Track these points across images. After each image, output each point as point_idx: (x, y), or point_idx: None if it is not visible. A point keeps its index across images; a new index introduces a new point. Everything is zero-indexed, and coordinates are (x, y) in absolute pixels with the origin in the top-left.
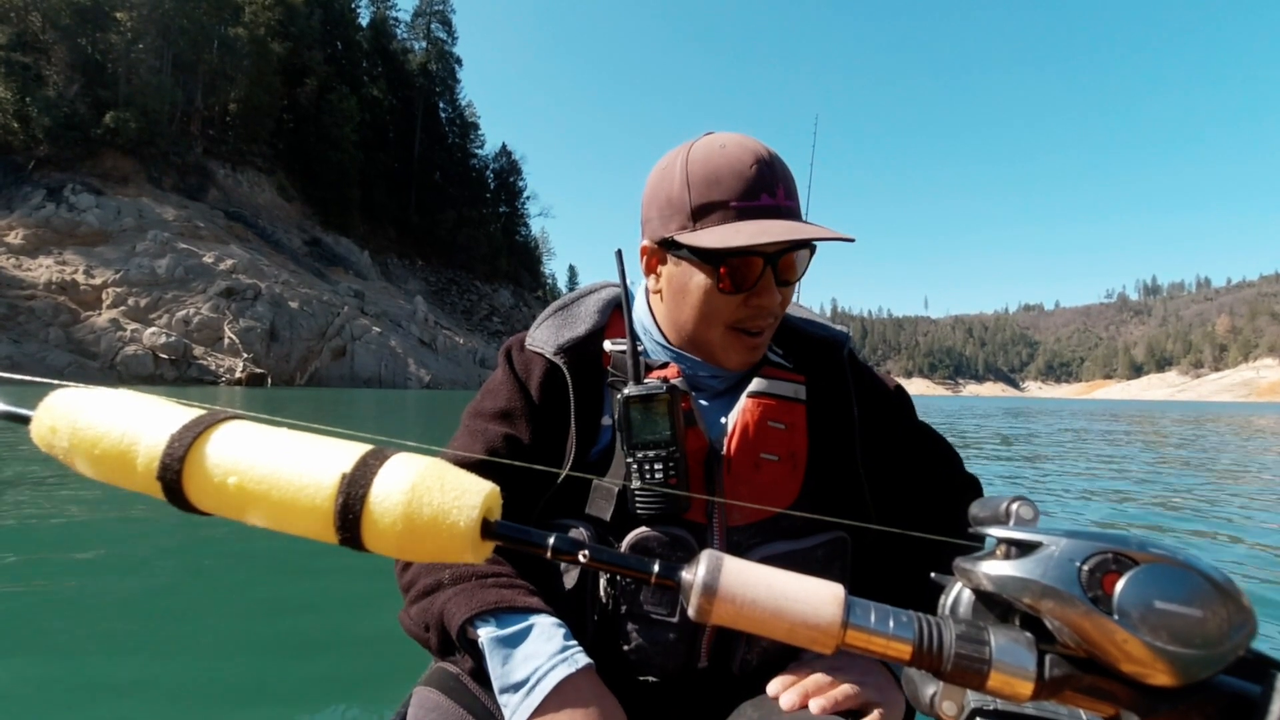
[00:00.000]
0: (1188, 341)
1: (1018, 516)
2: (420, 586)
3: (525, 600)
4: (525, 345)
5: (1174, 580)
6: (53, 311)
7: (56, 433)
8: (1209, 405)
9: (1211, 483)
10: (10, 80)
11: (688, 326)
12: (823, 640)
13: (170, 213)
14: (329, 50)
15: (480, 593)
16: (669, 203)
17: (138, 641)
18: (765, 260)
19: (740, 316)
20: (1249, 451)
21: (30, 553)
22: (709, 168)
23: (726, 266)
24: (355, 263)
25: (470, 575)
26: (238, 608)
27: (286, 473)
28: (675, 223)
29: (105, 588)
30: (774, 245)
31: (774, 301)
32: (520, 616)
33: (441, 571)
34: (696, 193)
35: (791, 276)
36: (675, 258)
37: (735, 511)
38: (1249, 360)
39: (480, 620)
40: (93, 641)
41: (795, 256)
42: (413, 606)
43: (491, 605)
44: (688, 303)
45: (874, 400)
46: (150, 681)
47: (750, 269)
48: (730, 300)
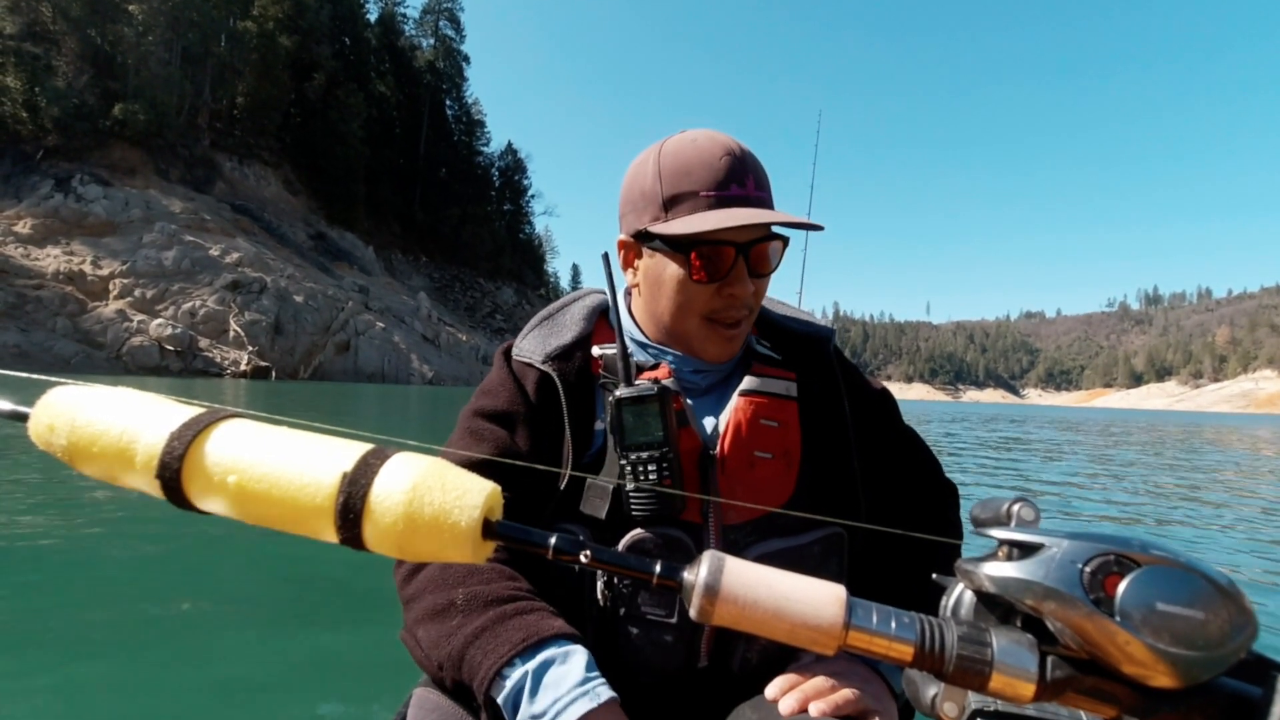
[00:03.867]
0: (1188, 352)
1: (1019, 518)
2: (428, 606)
3: (550, 626)
4: (513, 355)
5: (1176, 582)
6: (60, 301)
7: (55, 430)
8: (1207, 416)
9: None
10: (20, 70)
11: (665, 319)
12: (824, 641)
13: (177, 205)
14: (337, 46)
15: (505, 632)
16: (642, 196)
17: (137, 641)
18: (737, 250)
19: (715, 307)
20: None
21: (29, 552)
22: (680, 160)
23: (698, 255)
24: (360, 258)
25: (486, 600)
26: (237, 607)
27: (287, 471)
28: (648, 214)
29: (104, 587)
30: (744, 232)
31: (747, 292)
32: (543, 646)
33: (453, 590)
34: (668, 184)
35: (764, 268)
36: (650, 250)
37: (730, 510)
38: (1248, 372)
39: (507, 665)
40: (92, 641)
41: (769, 248)
42: (419, 629)
43: (519, 645)
44: (663, 294)
45: (862, 399)
46: (150, 681)
47: (722, 258)
48: (704, 290)
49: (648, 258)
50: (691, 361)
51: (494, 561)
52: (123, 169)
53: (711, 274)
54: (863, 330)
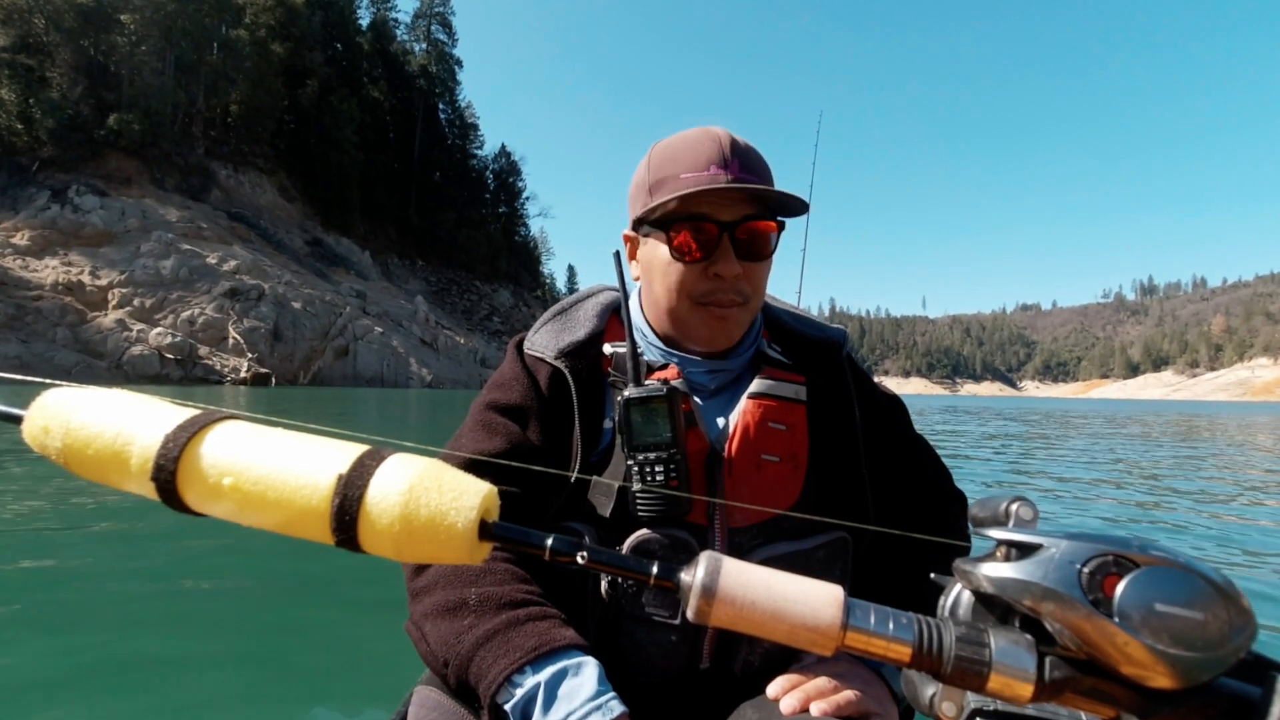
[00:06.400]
0: (1184, 341)
1: (1017, 517)
2: (439, 602)
3: (563, 636)
4: (525, 349)
5: (1175, 583)
6: (60, 312)
7: (49, 433)
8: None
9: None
10: (14, 82)
11: (660, 304)
12: (822, 642)
13: (173, 214)
14: (330, 52)
15: (518, 638)
16: (638, 187)
17: (135, 642)
18: (720, 228)
19: (703, 289)
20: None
21: (27, 553)
22: (669, 149)
23: (677, 231)
24: (356, 263)
25: (499, 603)
26: (236, 608)
27: (282, 473)
28: (640, 202)
29: (102, 587)
30: (728, 211)
31: (732, 271)
32: (556, 657)
33: (466, 589)
34: (654, 171)
35: (757, 251)
36: (644, 237)
37: (737, 513)
38: (1244, 360)
39: (518, 672)
40: (91, 642)
41: (757, 229)
42: (428, 623)
43: (531, 654)
44: (656, 279)
45: (873, 405)
46: (149, 681)
47: (704, 235)
48: (691, 271)
49: (644, 245)
50: (701, 363)
51: (503, 561)
52: (118, 179)
53: (694, 252)
54: (859, 326)
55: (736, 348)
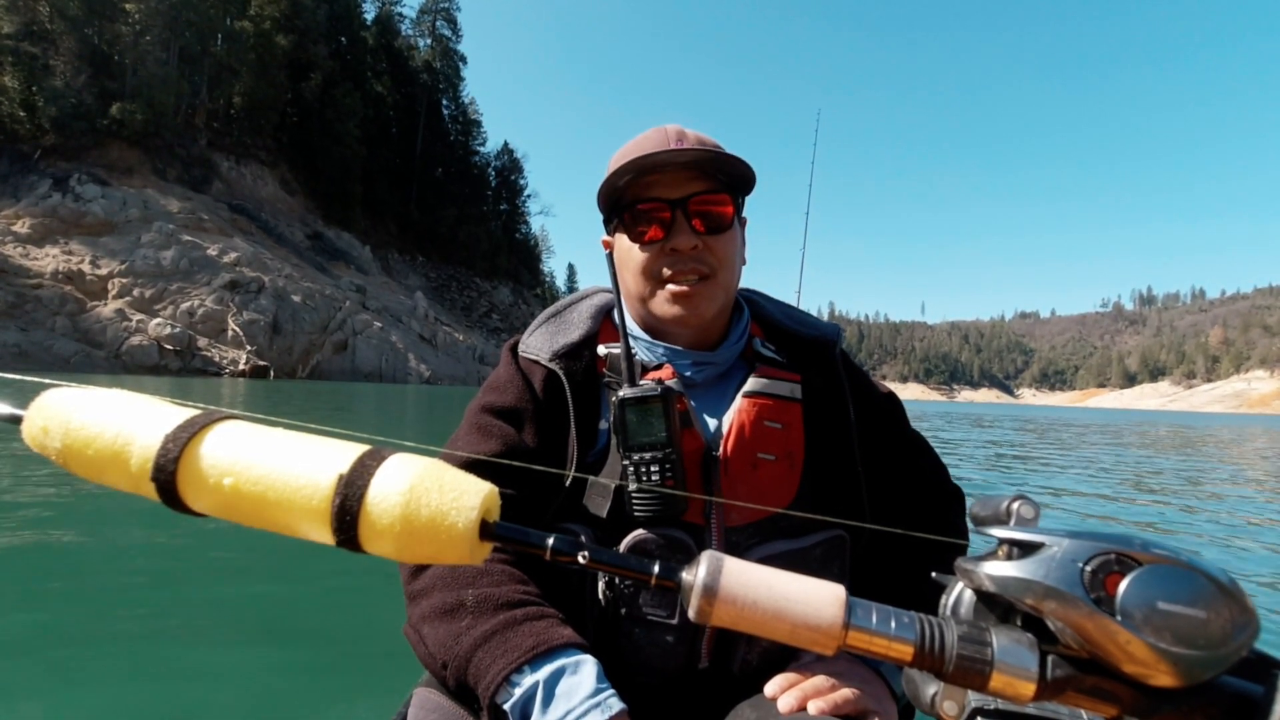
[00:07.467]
0: (1181, 352)
1: (1019, 516)
2: (437, 604)
3: (561, 635)
4: (520, 351)
5: (1177, 581)
6: (59, 300)
7: (49, 433)
8: (1200, 416)
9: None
10: (18, 70)
11: (633, 293)
12: (824, 641)
13: (174, 204)
14: (334, 45)
15: (515, 638)
16: (601, 188)
17: (135, 642)
18: (671, 206)
19: (663, 266)
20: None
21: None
22: (624, 148)
23: (630, 215)
24: (356, 257)
25: (497, 604)
26: (236, 608)
27: (283, 474)
28: (603, 200)
29: (101, 588)
30: (676, 190)
31: (688, 244)
32: (554, 656)
33: (463, 590)
34: (610, 168)
35: (714, 224)
36: (614, 235)
37: (733, 512)
38: (1241, 372)
39: (516, 672)
40: (90, 642)
41: (710, 199)
42: (425, 626)
43: (529, 653)
44: (628, 270)
45: (868, 402)
46: (148, 681)
47: (656, 214)
48: (650, 251)
49: (616, 243)
50: (687, 354)
51: (500, 562)
52: (120, 168)
53: (651, 233)
54: (858, 330)
55: (722, 340)
